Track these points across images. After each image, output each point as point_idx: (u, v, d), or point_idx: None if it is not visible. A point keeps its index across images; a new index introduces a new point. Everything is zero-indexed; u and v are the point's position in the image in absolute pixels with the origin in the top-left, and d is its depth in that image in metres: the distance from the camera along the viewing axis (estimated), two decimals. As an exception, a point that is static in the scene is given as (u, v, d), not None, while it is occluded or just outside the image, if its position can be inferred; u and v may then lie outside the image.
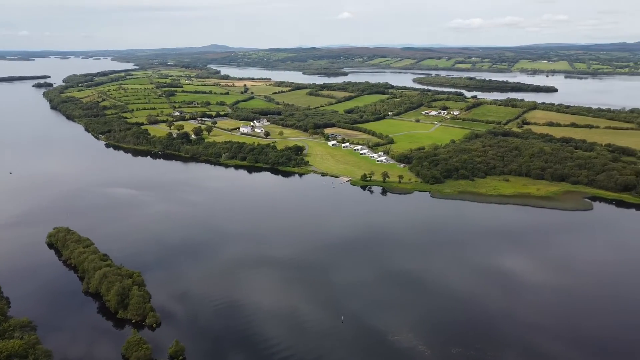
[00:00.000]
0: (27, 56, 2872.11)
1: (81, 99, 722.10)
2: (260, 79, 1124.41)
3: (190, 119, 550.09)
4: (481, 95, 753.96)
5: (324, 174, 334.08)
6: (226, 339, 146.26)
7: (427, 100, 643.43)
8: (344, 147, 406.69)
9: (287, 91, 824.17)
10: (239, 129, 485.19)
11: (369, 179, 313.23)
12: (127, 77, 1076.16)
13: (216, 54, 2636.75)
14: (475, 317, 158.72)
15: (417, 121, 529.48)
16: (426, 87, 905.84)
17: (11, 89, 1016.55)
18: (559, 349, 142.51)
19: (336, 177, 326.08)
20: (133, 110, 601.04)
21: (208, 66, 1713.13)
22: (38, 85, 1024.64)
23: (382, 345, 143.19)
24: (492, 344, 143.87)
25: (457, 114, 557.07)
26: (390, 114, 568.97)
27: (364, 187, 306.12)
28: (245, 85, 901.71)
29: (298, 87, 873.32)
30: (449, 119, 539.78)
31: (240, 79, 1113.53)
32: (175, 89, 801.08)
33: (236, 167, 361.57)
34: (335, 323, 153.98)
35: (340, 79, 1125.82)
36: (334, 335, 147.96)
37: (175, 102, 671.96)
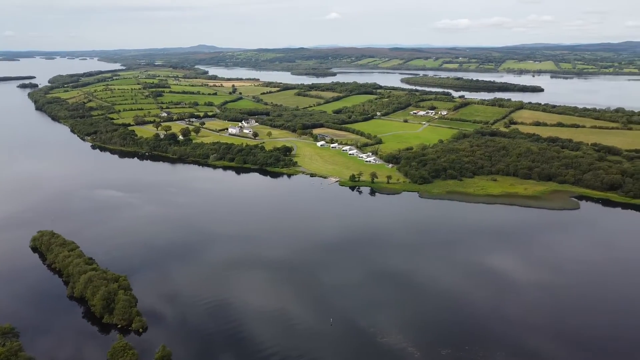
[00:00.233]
0: (11, 56, 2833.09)
1: (67, 99, 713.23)
2: (248, 79, 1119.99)
3: (177, 119, 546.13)
4: (468, 95, 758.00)
5: (312, 175, 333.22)
6: (215, 343, 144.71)
7: (415, 100, 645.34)
8: (332, 147, 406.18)
9: (275, 91, 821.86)
10: (227, 129, 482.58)
11: (357, 179, 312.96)
12: (114, 78, 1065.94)
13: (204, 54, 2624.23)
14: (464, 316, 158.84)
15: (405, 121, 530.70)
16: (414, 87, 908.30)
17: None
18: (547, 347, 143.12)
19: (325, 177, 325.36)
20: (120, 111, 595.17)
21: (196, 66, 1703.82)
22: (23, 86, 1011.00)
23: (371, 346, 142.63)
24: (481, 344, 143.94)
25: (445, 114, 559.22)
26: (378, 114, 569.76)
27: (352, 188, 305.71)
28: (233, 85, 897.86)
29: (286, 87, 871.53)
30: (436, 119, 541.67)
31: (229, 79, 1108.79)
32: (162, 89, 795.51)
33: (224, 168, 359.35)
34: (324, 325, 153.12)
35: (328, 79, 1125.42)
36: (324, 338, 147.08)
37: (162, 102, 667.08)
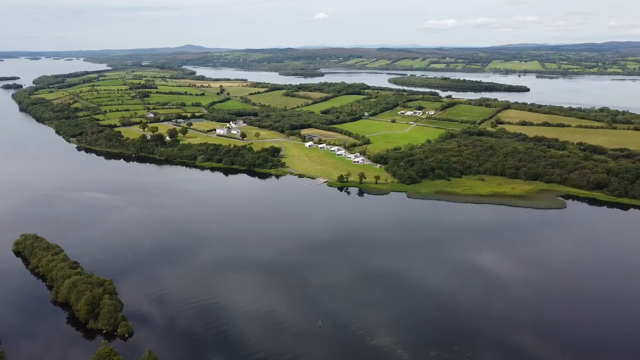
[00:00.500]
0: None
1: (52, 100, 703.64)
2: (236, 79, 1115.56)
3: (164, 120, 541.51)
4: (456, 95, 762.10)
5: (300, 176, 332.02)
6: (202, 346, 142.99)
7: (403, 100, 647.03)
8: (320, 148, 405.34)
9: (263, 92, 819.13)
10: (214, 130, 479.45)
11: (345, 180, 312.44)
12: (100, 78, 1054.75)
13: (191, 54, 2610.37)
14: (453, 315, 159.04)
15: (393, 121, 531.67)
16: (402, 87, 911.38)
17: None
18: (534, 344, 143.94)
19: (313, 178, 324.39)
20: (106, 112, 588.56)
21: (183, 67, 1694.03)
22: (6, 87, 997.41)
23: (360, 348, 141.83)
24: (470, 343, 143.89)
25: (433, 113, 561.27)
26: (366, 114, 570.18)
27: (340, 189, 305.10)
28: (221, 86, 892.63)
29: (274, 87, 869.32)
30: (424, 119, 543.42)
31: (216, 79, 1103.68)
32: (149, 90, 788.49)
33: (212, 170, 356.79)
34: (313, 326, 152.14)
35: (316, 80, 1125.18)
36: (313, 339, 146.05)
37: (149, 103, 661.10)
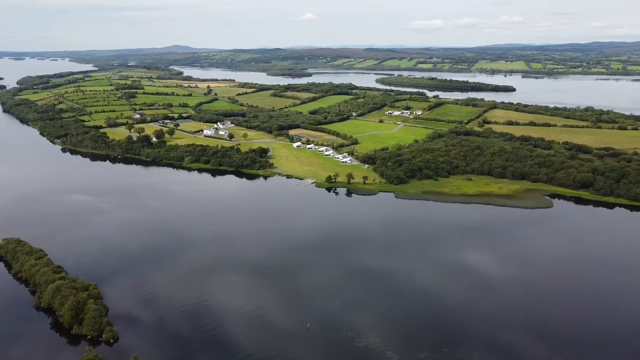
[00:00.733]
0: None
1: (36, 101, 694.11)
2: (224, 80, 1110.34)
3: (151, 121, 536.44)
4: (443, 95, 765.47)
5: (289, 176, 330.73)
6: (190, 350, 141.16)
7: (390, 100, 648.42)
8: (308, 148, 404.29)
9: (251, 92, 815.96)
10: (202, 131, 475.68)
11: (334, 180, 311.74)
12: (86, 79, 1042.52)
13: (179, 54, 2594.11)
14: (442, 315, 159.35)
15: (381, 121, 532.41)
16: (389, 88, 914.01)
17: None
18: (522, 343, 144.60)
19: (301, 179, 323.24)
20: (91, 113, 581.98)
21: (170, 67, 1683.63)
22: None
23: (350, 350, 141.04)
24: (459, 344, 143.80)
25: (420, 113, 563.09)
26: (354, 114, 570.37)
27: (329, 189, 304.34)
28: (208, 86, 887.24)
29: (262, 88, 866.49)
30: (412, 119, 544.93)
31: (204, 80, 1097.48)
32: (135, 90, 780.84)
33: (199, 171, 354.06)
34: (302, 327, 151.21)
35: (304, 80, 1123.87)
36: (302, 341, 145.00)
37: (135, 104, 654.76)
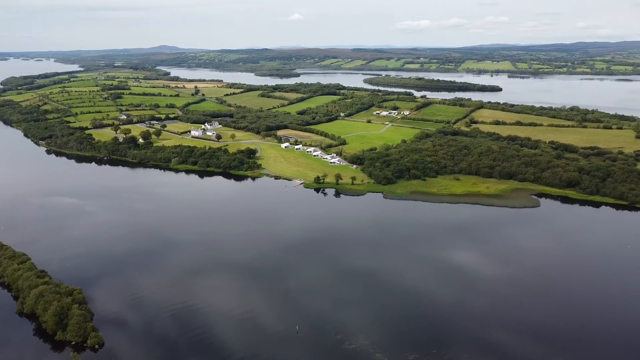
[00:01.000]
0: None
1: (20, 102, 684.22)
2: (211, 80, 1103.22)
3: (138, 122, 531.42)
4: (430, 95, 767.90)
5: (277, 177, 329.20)
6: (177, 355, 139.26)
7: (378, 100, 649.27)
8: (296, 149, 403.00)
9: (239, 93, 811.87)
10: (189, 132, 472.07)
11: (322, 181, 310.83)
12: (71, 79, 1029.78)
13: (166, 55, 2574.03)
14: (431, 316, 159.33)
15: (369, 122, 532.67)
16: (377, 88, 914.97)
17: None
18: (511, 341, 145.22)
19: (289, 180, 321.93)
20: (77, 114, 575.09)
21: (157, 67, 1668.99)
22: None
23: (339, 354, 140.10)
24: (449, 345, 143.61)
25: (408, 113, 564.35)
26: (342, 114, 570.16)
27: (317, 190, 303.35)
28: (196, 87, 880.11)
29: (250, 88, 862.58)
30: (399, 119, 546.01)
31: (191, 80, 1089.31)
32: (122, 91, 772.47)
33: (187, 172, 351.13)
34: (291, 330, 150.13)
35: (292, 80, 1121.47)
36: (291, 343, 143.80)
37: (122, 105, 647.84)
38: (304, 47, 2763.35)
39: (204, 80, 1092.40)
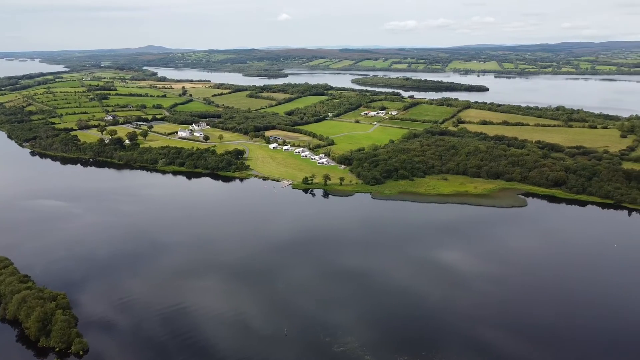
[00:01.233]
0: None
1: (4, 103, 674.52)
2: (199, 80, 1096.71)
3: (124, 123, 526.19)
4: (418, 95, 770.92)
5: (265, 178, 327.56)
6: (163, 359, 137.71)
7: (366, 100, 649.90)
8: (285, 149, 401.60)
9: (227, 93, 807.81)
10: (176, 133, 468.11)
11: (310, 182, 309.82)
12: (57, 80, 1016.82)
13: (153, 55, 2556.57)
14: (420, 316, 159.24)
15: (357, 122, 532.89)
16: (364, 88, 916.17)
17: None
18: (500, 341, 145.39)
19: (277, 180, 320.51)
20: (62, 115, 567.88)
21: (144, 68, 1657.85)
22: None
23: (327, 356, 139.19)
24: (438, 346, 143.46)
25: (395, 114, 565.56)
26: (330, 115, 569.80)
27: (305, 191, 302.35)
28: (183, 87, 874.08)
29: (238, 89, 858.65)
30: (387, 119, 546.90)
31: (178, 81, 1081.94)
32: (108, 92, 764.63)
33: (174, 174, 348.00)
34: (280, 331, 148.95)
35: (280, 81, 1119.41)
36: (280, 345, 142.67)
37: (108, 105, 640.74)
38: (292, 48, 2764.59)
39: (191, 81, 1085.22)
